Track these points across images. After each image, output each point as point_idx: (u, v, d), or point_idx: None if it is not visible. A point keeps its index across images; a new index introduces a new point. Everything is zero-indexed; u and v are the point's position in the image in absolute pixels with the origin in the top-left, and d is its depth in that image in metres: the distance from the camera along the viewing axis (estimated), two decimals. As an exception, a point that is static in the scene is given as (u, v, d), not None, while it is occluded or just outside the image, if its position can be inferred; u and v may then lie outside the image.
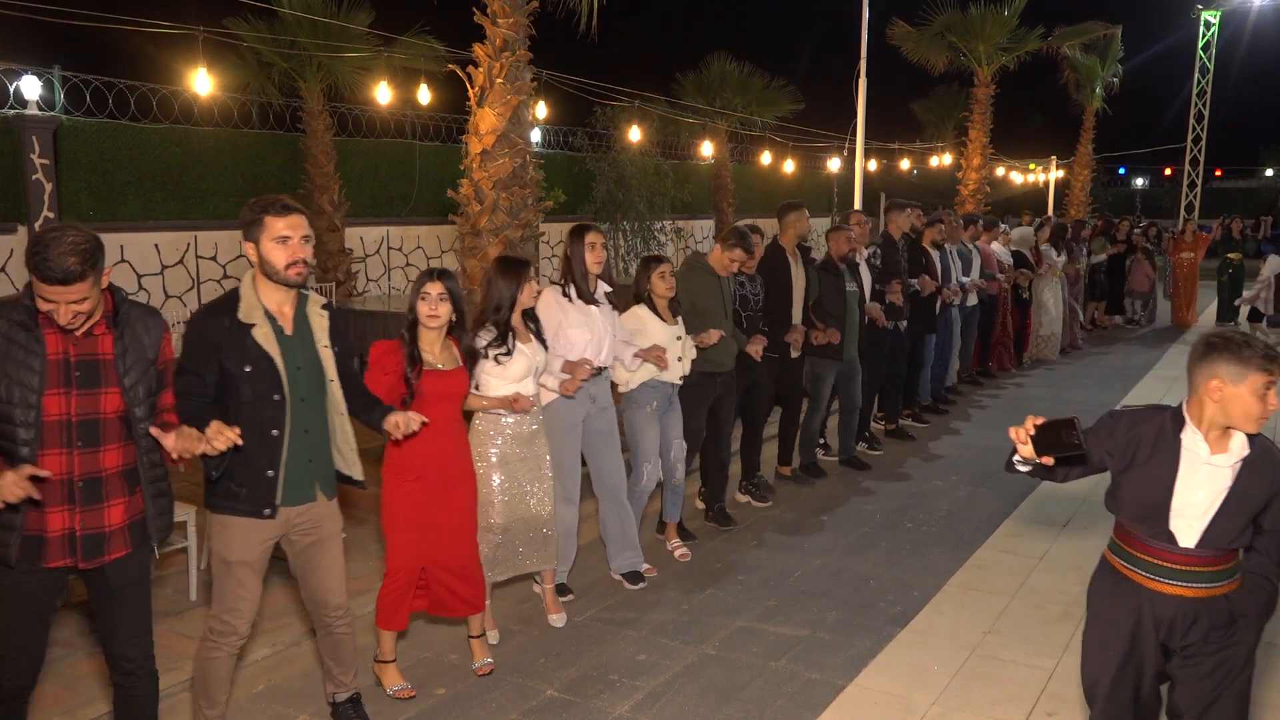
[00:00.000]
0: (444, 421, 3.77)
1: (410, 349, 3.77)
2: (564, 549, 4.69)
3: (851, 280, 6.90)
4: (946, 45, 16.87)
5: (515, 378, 4.13)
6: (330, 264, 12.08)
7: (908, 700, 3.79)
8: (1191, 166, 22.41)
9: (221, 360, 3.04)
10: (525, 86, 6.44)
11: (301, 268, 3.08)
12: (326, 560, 3.37)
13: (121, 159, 10.70)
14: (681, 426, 5.25)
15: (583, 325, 4.60)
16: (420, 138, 14.50)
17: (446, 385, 3.80)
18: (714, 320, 5.38)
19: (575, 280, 4.63)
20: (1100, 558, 2.86)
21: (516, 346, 4.14)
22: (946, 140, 24.13)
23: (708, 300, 5.48)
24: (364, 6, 11.65)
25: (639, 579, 4.95)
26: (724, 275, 5.65)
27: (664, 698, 3.83)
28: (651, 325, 5.03)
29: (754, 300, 5.95)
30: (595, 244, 4.64)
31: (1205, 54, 21.92)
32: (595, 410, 4.72)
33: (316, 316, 3.25)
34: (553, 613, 4.51)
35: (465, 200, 6.50)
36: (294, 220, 3.07)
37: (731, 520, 5.84)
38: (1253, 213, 23.77)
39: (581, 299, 4.62)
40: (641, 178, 16.68)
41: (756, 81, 19.02)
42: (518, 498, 4.19)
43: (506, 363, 4.10)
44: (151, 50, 11.75)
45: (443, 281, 3.77)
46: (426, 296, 3.76)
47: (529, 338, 4.26)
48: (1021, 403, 9.33)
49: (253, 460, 3.09)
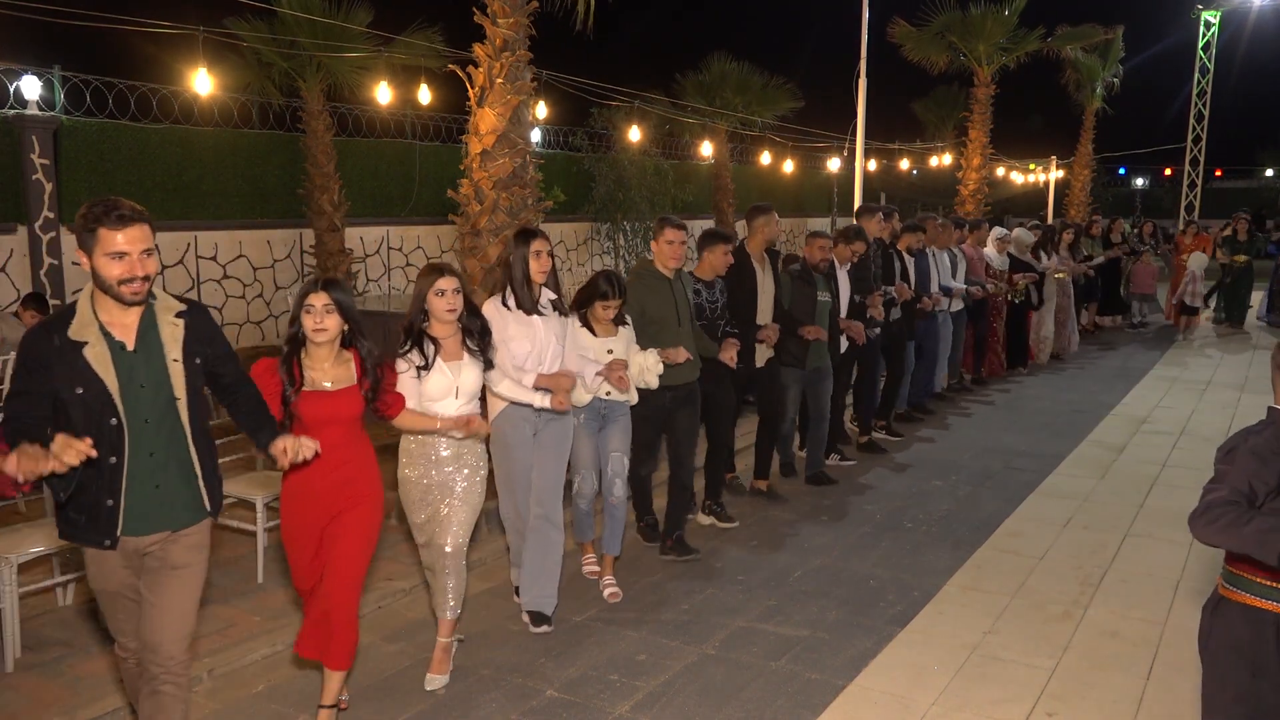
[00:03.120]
0: (336, 446, 3.41)
1: (288, 367, 3.39)
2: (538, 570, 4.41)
3: (825, 290, 6.59)
4: (947, 45, 16.85)
5: (431, 397, 3.79)
6: (330, 264, 12.08)
7: (908, 700, 3.79)
8: (1191, 166, 22.39)
9: (52, 381, 2.75)
10: (525, 86, 6.43)
11: (139, 286, 2.75)
12: (166, 598, 2.93)
13: (121, 159, 10.70)
14: (623, 441, 4.83)
15: (523, 336, 4.26)
16: (420, 138, 14.49)
17: (330, 408, 3.42)
18: (669, 329, 5.01)
19: (514, 288, 4.28)
20: (1218, 603, 2.63)
21: (437, 363, 3.81)
22: (946, 140, 24.11)
23: (660, 308, 5.06)
24: (363, 6, 11.65)
25: (544, 622, 4.42)
26: (710, 277, 5.47)
27: (664, 698, 3.83)
28: (582, 339, 4.64)
29: (711, 308, 5.56)
30: (541, 252, 4.27)
31: (1205, 54, 21.91)
32: (543, 424, 4.38)
33: (169, 326, 2.90)
34: (434, 671, 3.92)
35: (465, 200, 6.49)
36: (133, 233, 2.73)
37: (692, 549, 5.32)
38: (1258, 211, 23.72)
39: (522, 308, 4.27)
40: (641, 177, 16.68)
41: (756, 80, 19.00)
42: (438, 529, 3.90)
43: (424, 378, 3.79)
44: (151, 50, 11.74)
45: (328, 292, 3.38)
46: (310, 309, 3.37)
47: (459, 354, 3.89)
48: (1022, 403, 9.33)
49: (90, 489, 2.82)
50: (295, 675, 4.00)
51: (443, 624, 3.95)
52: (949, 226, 9.12)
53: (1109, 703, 3.77)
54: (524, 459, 4.35)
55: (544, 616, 4.44)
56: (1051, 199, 22.40)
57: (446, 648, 3.97)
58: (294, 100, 12.31)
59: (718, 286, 5.64)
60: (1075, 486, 6.64)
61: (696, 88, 18.83)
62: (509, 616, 4.57)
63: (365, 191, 13.31)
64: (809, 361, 6.44)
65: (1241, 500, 2.43)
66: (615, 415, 4.81)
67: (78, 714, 3.59)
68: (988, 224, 10.63)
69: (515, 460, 4.34)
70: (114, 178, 10.58)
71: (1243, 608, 2.55)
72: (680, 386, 5.11)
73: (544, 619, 4.43)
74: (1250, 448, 2.49)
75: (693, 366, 5.13)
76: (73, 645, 4.11)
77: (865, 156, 12.88)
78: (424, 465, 3.86)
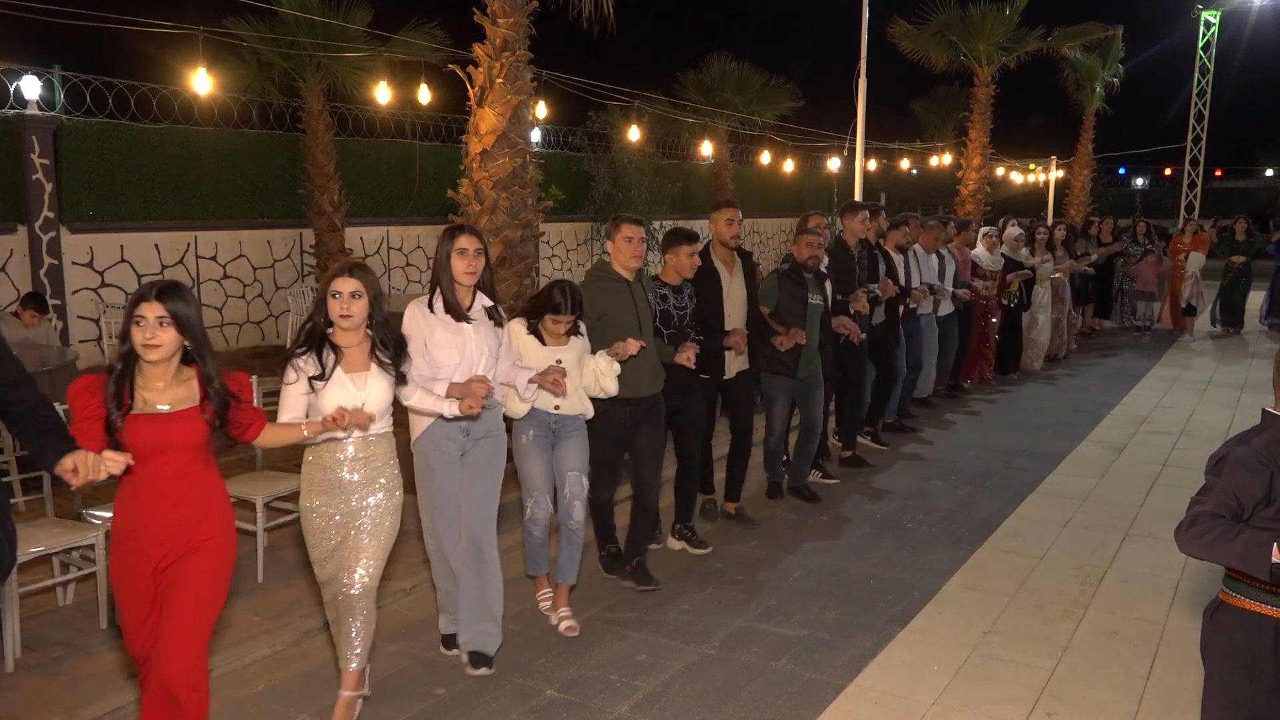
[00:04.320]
0: (175, 480, 2.93)
1: (115, 388, 2.87)
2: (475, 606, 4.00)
3: (815, 292, 6.11)
4: (947, 44, 16.86)
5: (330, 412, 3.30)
6: (330, 264, 12.09)
7: (908, 700, 3.79)
8: (1191, 166, 22.39)
9: None
10: (525, 86, 6.44)
11: None
12: None
13: (121, 159, 10.69)
14: (580, 458, 4.41)
15: (451, 345, 3.82)
16: (420, 138, 14.50)
17: (165, 433, 2.90)
18: (627, 335, 4.52)
19: (442, 291, 3.84)
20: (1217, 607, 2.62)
21: (336, 374, 3.36)
22: (946, 140, 24.12)
23: (620, 312, 4.64)
24: (363, 5, 11.66)
25: (484, 663, 3.99)
26: (677, 281, 5.11)
27: (664, 698, 3.83)
28: (523, 345, 4.26)
29: (678, 315, 5.12)
30: (467, 250, 3.81)
31: (1205, 54, 21.91)
32: (471, 445, 3.94)
33: None
34: None
35: (465, 200, 6.50)
36: None
37: (652, 579, 4.89)
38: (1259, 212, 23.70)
39: (450, 314, 3.84)
40: (640, 177, 16.68)
41: (756, 80, 19.00)
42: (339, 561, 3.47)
43: (321, 390, 3.34)
44: (151, 50, 11.74)
45: (163, 301, 2.84)
46: (141, 321, 2.84)
47: (366, 364, 3.43)
48: (1021, 403, 9.33)
49: None
50: (295, 675, 4.00)
51: (345, 676, 3.48)
52: (933, 226, 8.61)
53: (1109, 703, 3.77)
54: (449, 483, 3.89)
55: (485, 657, 4.00)
56: (1051, 199, 22.40)
57: (350, 704, 3.50)
58: (294, 100, 12.31)
59: (686, 292, 5.18)
60: (1075, 486, 6.64)
61: (696, 87, 18.84)
62: (509, 616, 4.56)
63: (365, 191, 13.31)
64: (800, 369, 6.04)
65: (1227, 514, 2.41)
66: (569, 431, 4.40)
67: (77, 714, 3.59)
68: (975, 224, 10.19)
69: (439, 485, 3.88)
70: (114, 178, 10.60)
71: (1240, 612, 2.55)
72: (641, 400, 4.71)
73: (484, 659, 4.00)
74: (1237, 458, 2.47)
75: (655, 379, 4.77)
76: (73, 645, 4.11)
77: (865, 156, 12.89)
78: (328, 493, 3.43)
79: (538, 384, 4.05)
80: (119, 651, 4.03)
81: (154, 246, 10.98)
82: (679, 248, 5.09)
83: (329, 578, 3.52)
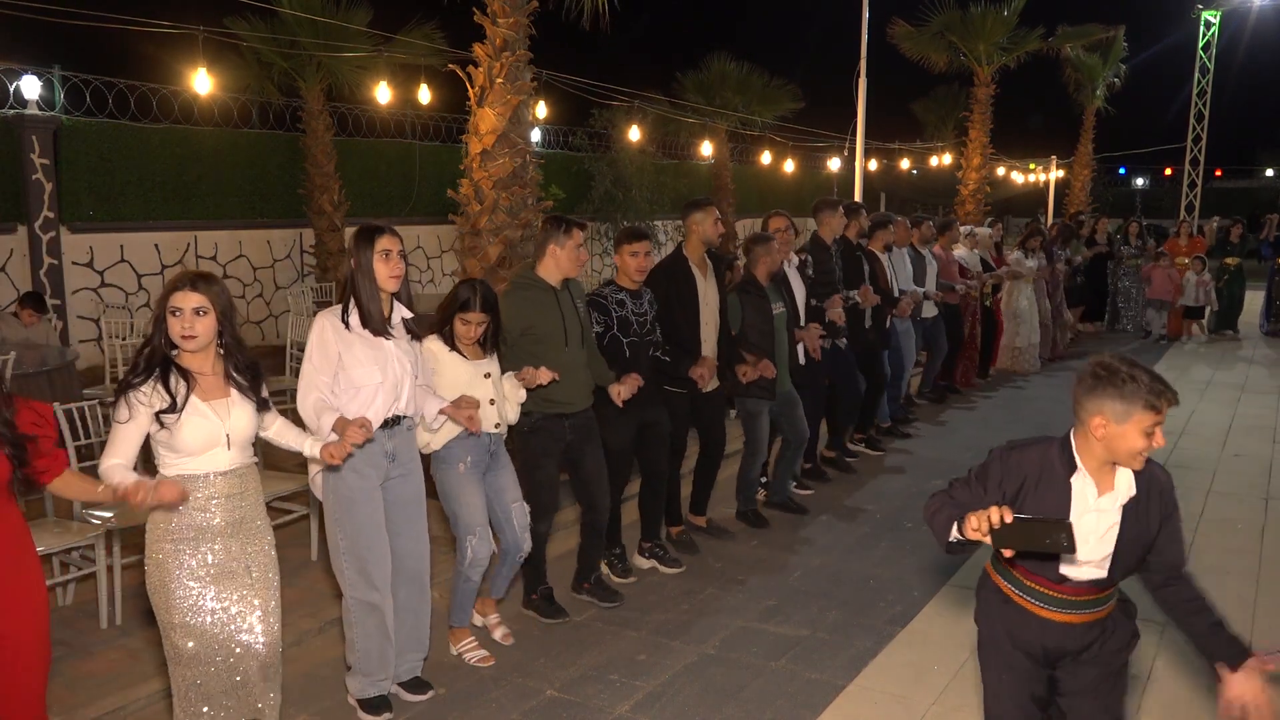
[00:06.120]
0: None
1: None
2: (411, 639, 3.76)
3: (777, 299, 5.75)
4: (947, 44, 16.89)
5: (190, 450, 2.85)
6: (330, 264, 12.10)
7: (908, 700, 3.80)
8: (1191, 166, 22.39)
9: None
10: (525, 86, 6.44)
11: None
12: None
13: (121, 159, 10.70)
14: (517, 486, 4.10)
15: (371, 362, 3.41)
16: (420, 138, 14.51)
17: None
18: (554, 348, 4.21)
19: (360, 302, 3.41)
20: (983, 573, 2.73)
21: (191, 402, 2.84)
22: (946, 140, 24.15)
23: (546, 324, 4.25)
24: (363, 5, 11.67)
25: (425, 688, 3.79)
26: (634, 285, 4.74)
27: (664, 698, 3.83)
28: (446, 363, 3.88)
29: (638, 322, 4.72)
30: (391, 252, 3.41)
31: (1205, 54, 21.91)
32: (396, 472, 3.57)
33: None
34: None
35: (465, 200, 6.50)
36: None
37: (616, 595, 4.68)
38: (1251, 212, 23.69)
39: (368, 328, 3.41)
40: (640, 177, 16.69)
41: (756, 80, 19.02)
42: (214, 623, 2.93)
43: (175, 426, 2.82)
44: (151, 50, 11.76)
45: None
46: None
47: (225, 391, 2.94)
48: (1021, 403, 9.33)
49: None
50: (296, 675, 4.00)
51: None
52: (900, 222, 8.10)
53: (1109, 703, 3.76)
54: (371, 517, 3.48)
55: (424, 683, 3.82)
56: (1051, 199, 22.42)
57: None
58: (294, 100, 12.33)
59: (645, 296, 4.81)
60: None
61: (696, 87, 18.85)
62: (509, 617, 4.56)
63: (365, 191, 13.32)
64: (777, 385, 5.68)
65: (954, 495, 2.53)
66: (501, 454, 4.06)
67: (77, 714, 3.59)
68: (957, 223, 9.86)
69: (364, 519, 3.46)
70: (114, 178, 10.61)
71: (985, 575, 2.75)
72: (578, 414, 4.36)
73: (425, 685, 3.81)
74: (983, 467, 2.54)
75: (586, 388, 4.42)
76: (73, 645, 4.10)
77: (865, 156, 12.91)
78: (190, 543, 2.89)
79: (448, 415, 3.67)
80: (119, 651, 4.03)
81: (154, 246, 10.98)
82: (621, 247, 4.73)
83: (199, 648, 2.91)
